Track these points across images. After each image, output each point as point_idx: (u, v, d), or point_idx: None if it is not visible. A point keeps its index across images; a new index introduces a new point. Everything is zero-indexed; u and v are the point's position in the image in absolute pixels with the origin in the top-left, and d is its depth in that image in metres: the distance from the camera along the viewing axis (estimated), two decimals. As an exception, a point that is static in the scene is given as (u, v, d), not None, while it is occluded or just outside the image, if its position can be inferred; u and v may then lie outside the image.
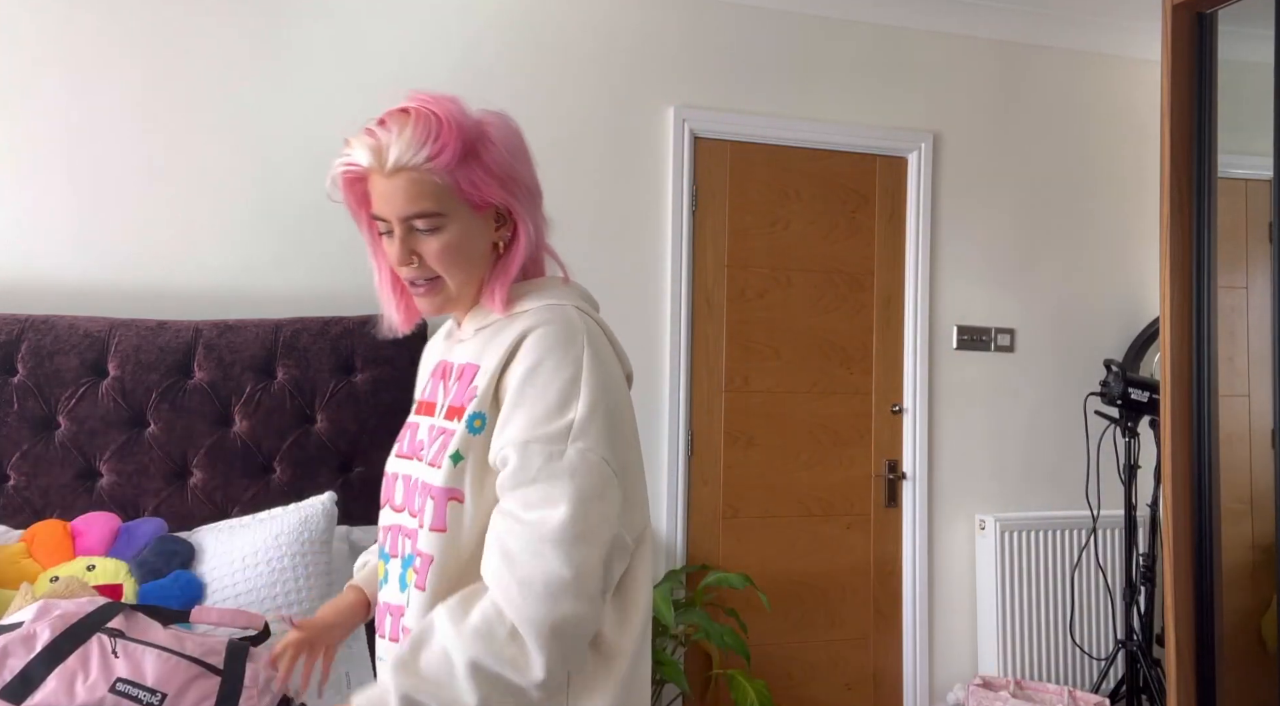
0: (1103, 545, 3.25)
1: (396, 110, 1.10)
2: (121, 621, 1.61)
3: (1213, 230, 2.33)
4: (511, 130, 1.14)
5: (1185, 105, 2.35)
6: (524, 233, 1.15)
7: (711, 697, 2.96)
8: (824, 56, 3.12)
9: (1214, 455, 2.31)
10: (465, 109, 1.11)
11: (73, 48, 2.47)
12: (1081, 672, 3.23)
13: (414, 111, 1.08)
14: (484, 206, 1.12)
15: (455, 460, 1.07)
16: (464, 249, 1.12)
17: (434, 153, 1.06)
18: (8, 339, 2.21)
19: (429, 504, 1.09)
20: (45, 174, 2.44)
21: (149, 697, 1.49)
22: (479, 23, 2.79)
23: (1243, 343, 2.38)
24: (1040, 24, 3.30)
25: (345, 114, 2.66)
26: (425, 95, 1.10)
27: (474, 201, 1.10)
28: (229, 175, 2.57)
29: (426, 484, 1.11)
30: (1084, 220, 3.40)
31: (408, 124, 1.07)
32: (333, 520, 2.14)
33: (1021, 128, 3.33)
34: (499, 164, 1.10)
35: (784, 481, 3.07)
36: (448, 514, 1.07)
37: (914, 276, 3.18)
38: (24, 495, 2.17)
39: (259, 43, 2.60)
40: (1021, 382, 3.30)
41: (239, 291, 2.55)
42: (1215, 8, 2.32)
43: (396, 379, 2.43)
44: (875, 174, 3.19)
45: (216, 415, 2.30)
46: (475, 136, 1.09)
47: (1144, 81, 3.43)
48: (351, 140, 1.10)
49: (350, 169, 1.11)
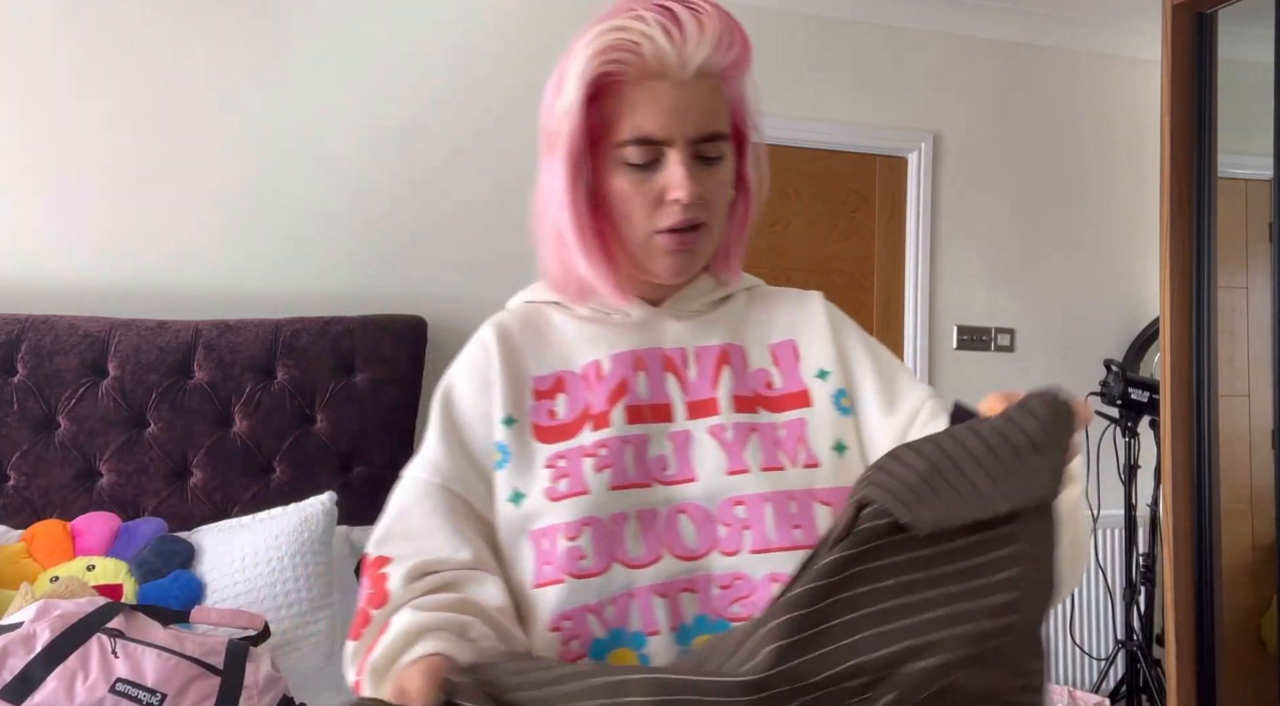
0: (1103, 545, 3.25)
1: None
2: (121, 621, 1.61)
3: (1213, 230, 2.33)
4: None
5: (1185, 105, 2.35)
6: (753, 180, 0.94)
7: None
8: (824, 56, 3.12)
9: (1214, 455, 2.31)
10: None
11: (72, 48, 2.46)
12: (1081, 672, 3.23)
13: (705, 2, 0.82)
14: (740, 139, 0.91)
15: (841, 450, 0.86)
16: (729, 191, 0.89)
17: (738, 57, 0.84)
18: (8, 339, 2.21)
19: (819, 512, 0.82)
20: (45, 174, 2.44)
21: (149, 697, 1.49)
22: (479, 23, 2.79)
23: (1243, 343, 2.38)
24: (1040, 24, 3.30)
25: (345, 114, 2.66)
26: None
27: (739, 129, 0.90)
28: (229, 175, 2.57)
29: (808, 490, 0.84)
30: (1084, 220, 3.40)
31: (706, 14, 0.81)
32: (333, 520, 2.14)
33: (1021, 128, 3.33)
34: (754, 85, 0.88)
35: (784, 481, 3.07)
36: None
37: (914, 276, 3.18)
38: (24, 495, 2.17)
39: (258, 43, 2.60)
40: (1021, 383, 3.28)
41: (239, 291, 2.55)
42: (1215, 8, 2.32)
43: (396, 379, 2.43)
44: (875, 174, 3.19)
45: (216, 415, 2.30)
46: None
47: (1144, 81, 3.43)
48: (632, 23, 0.80)
49: (623, 64, 0.80)
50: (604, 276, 0.88)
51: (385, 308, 2.58)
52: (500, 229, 2.76)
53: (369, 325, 2.44)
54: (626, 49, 0.81)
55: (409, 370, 2.46)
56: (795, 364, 0.91)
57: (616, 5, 0.84)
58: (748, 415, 0.87)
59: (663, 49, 0.80)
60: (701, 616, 0.81)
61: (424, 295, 2.64)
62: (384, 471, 2.41)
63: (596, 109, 0.83)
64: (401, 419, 2.44)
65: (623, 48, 0.81)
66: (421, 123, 2.72)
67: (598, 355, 0.90)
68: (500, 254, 2.77)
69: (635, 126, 0.82)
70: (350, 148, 2.66)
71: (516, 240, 3.10)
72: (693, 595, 0.81)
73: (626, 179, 0.84)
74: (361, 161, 2.66)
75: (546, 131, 0.88)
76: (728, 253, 0.94)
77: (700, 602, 0.81)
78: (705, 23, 0.81)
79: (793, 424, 0.88)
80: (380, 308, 2.58)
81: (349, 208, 2.64)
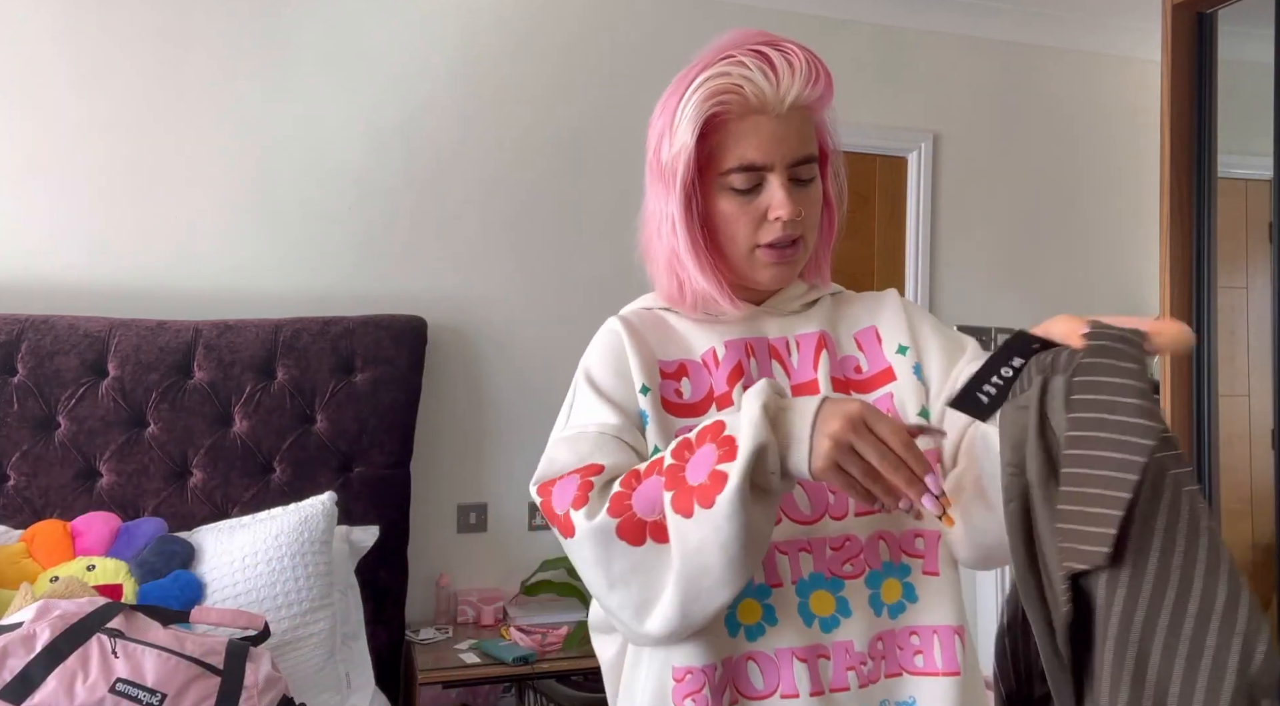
0: (1103, 545, 3.25)
1: (761, 43, 0.98)
2: (121, 621, 1.61)
3: (1213, 230, 2.33)
4: None
5: (1185, 105, 2.35)
6: (835, 195, 1.06)
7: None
8: (824, 56, 3.10)
9: (1214, 455, 2.31)
10: None
11: (72, 48, 2.46)
12: (1081, 672, 3.23)
13: (791, 44, 0.98)
14: (825, 159, 1.04)
15: (925, 416, 0.98)
16: (819, 206, 1.02)
17: (824, 90, 0.99)
18: (8, 339, 2.21)
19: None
20: (45, 174, 2.44)
21: (149, 698, 1.49)
22: (479, 23, 2.79)
23: (1243, 343, 2.38)
24: (1040, 24, 3.30)
25: (345, 114, 2.66)
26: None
27: (825, 151, 1.03)
28: (229, 175, 2.57)
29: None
30: (1084, 220, 3.40)
31: (795, 56, 0.96)
32: (333, 520, 2.14)
33: (1021, 128, 3.33)
34: (834, 110, 1.04)
35: (784, 481, 3.07)
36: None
37: (914, 276, 3.18)
38: (24, 495, 2.17)
39: (259, 43, 2.60)
40: (1021, 382, 3.30)
41: (239, 291, 2.55)
42: (1215, 8, 2.32)
43: (396, 379, 2.43)
44: (875, 174, 3.19)
45: (216, 415, 2.30)
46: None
47: (1144, 81, 3.43)
48: (733, 68, 0.94)
49: (728, 104, 0.94)
50: (716, 287, 1.00)
51: (385, 308, 2.58)
52: (500, 229, 2.76)
53: (369, 325, 2.44)
54: (731, 92, 0.94)
55: (409, 370, 2.46)
56: (878, 346, 1.04)
57: (717, 48, 0.98)
58: (843, 395, 0.95)
59: (762, 88, 0.94)
60: (817, 573, 0.95)
61: (424, 295, 2.64)
62: (384, 471, 2.41)
63: (704, 143, 0.96)
64: (401, 419, 2.44)
65: (728, 91, 0.94)
66: (421, 123, 2.72)
67: (713, 343, 1.02)
68: (500, 254, 2.77)
69: (740, 156, 0.95)
70: (350, 148, 2.66)
71: (516, 240, 3.11)
72: (809, 554, 0.95)
73: (733, 202, 0.97)
74: (361, 161, 2.66)
75: (658, 166, 1.01)
76: (817, 260, 1.07)
77: (815, 561, 0.95)
78: (794, 63, 0.96)
79: (882, 398, 1.00)
80: (380, 308, 2.58)
81: (349, 208, 2.64)
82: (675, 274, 1.02)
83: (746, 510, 0.81)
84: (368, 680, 2.08)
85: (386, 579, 2.40)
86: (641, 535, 0.86)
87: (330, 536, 2.12)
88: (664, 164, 0.99)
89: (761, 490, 0.83)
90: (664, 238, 1.01)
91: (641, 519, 0.86)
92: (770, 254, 0.98)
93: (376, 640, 2.32)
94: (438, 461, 2.67)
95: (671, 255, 1.01)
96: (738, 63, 0.95)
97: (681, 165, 0.96)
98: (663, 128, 1.00)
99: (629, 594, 0.86)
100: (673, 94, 0.99)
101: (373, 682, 2.09)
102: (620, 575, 0.86)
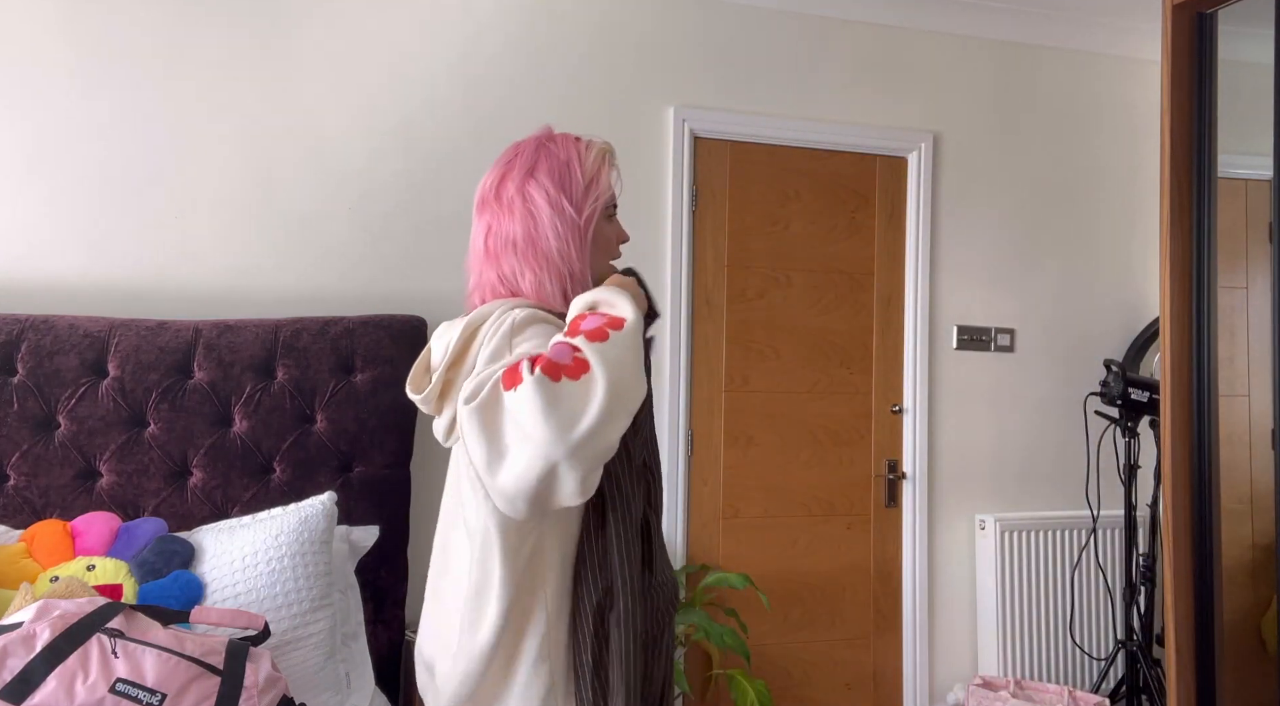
0: (1103, 545, 3.25)
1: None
2: (121, 621, 1.61)
3: (1213, 230, 2.33)
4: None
5: (1185, 105, 2.35)
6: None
7: (712, 697, 2.96)
8: (824, 56, 3.12)
9: (1214, 455, 2.31)
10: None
11: (73, 48, 2.46)
12: (1081, 672, 3.23)
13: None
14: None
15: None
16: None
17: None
18: (8, 339, 2.21)
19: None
20: (45, 174, 2.44)
21: (149, 698, 1.49)
22: (479, 23, 2.79)
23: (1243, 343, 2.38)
24: (1040, 24, 3.30)
25: (345, 114, 2.66)
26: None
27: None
28: (229, 175, 2.57)
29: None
30: (1084, 220, 3.40)
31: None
32: (333, 520, 2.14)
33: (1021, 128, 3.33)
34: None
35: (784, 481, 3.07)
36: None
37: (914, 276, 3.18)
38: (24, 495, 2.17)
39: (259, 43, 2.60)
40: (1021, 383, 3.30)
41: (239, 291, 2.55)
42: (1215, 8, 2.32)
43: (396, 378, 2.43)
44: (875, 174, 3.19)
45: (216, 415, 2.30)
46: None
47: (1144, 81, 3.43)
48: (608, 145, 1.36)
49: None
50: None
51: (385, 308, 2.58)
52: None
53: (369, 325, 2.44)
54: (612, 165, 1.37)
55: (408, 370, 2.46)
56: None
57: (581, 136, 1.35)
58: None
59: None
60: None
61: (424, 295, 2.64)
62: (384, 471, 2.41)
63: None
64: (401, 419, 2.44)
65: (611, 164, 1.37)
66: (421, 123, 2.72)
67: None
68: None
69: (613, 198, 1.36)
70: (350, 148, 2.66)
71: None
72: None
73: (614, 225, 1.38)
74: (361, 161, 2.67)
75: (567, 208, 1.29)
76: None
77: None
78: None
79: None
80: (380, 308, 2.58)
81: (349, 208, 2.65)
82: (562, 282, 1.30)
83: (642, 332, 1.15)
84: (368, 680, 2.08)
85: (386, 579, 2.40)
86: (559, 375, 1.06)
87: (330, 536, 2.12)
88: (579, 208, 1.31)
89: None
90: (567, 257, 1.30)
91: (559, 364, 1.07)
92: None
93: (376, 640, 2.32)
94: (438, 461, 2.67)
95: (565, 270, 1.31)
96: (604, 141, 1.37)
97: (596, 213, 1.33)
98: (575, 181, 1.31)
99: (560, 415, 1.03)
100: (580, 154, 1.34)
101: (373, 682, 2.09)
102: (552, 401, 1.03)
